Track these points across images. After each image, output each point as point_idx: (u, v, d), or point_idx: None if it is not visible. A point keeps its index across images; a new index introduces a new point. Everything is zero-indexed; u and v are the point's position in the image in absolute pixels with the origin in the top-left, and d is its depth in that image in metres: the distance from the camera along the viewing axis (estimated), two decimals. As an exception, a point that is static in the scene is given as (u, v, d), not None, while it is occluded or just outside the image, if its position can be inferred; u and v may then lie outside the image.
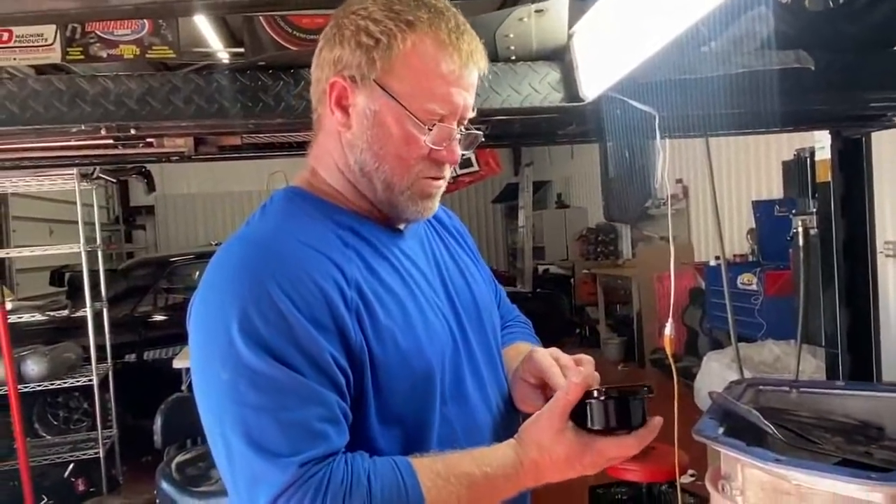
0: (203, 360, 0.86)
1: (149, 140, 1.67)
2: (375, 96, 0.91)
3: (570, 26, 1.48)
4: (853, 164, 2.33)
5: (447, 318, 0.98)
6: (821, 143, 2.46)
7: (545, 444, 0.90)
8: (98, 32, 1.67)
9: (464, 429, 0.96)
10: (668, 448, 3.43)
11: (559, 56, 1.51)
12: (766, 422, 1.08)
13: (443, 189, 0.99)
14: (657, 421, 0.94)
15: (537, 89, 1.53)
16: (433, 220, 1.11)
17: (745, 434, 1.10)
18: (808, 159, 2.53)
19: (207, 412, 0.86)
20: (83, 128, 1.40)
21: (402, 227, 1.02)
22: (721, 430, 1.12)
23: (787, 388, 1.34)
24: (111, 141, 1.67)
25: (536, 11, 1.38)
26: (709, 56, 1.52)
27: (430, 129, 0.92)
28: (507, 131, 1.84)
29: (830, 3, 1.69)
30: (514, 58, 1.52)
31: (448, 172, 0.99)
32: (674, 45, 1.31)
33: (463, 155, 0.99)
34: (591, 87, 1.52)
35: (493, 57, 1.51)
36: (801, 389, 1.33)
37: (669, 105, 1.55)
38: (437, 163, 0.95)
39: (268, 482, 0.79)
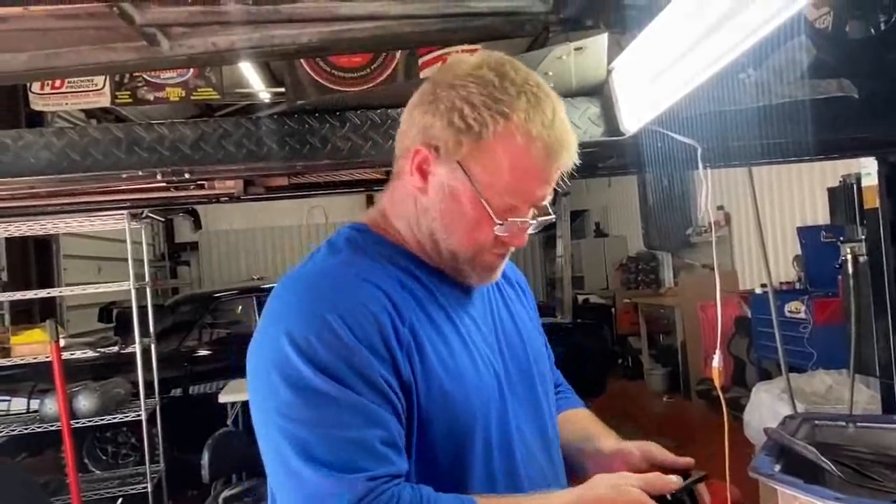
0: (264, 386, 0.88)
1: (200, 183, 1.73)
2: (456, 174, 0.92)
3: (610, 62, 1.50)
4: (901, 189, 2.29)
5: (497, 372, 0.99)
6: (867, 168, 2.43)
7: (615, 482, 0.92)
8: (145, 76, 1.75)
9: (506, 479, 0.97)
10: (719, 483, 3.34)
11: (598, 91, 1.53)
12: (824, 459, 1.06)
13: (506, 261, 1.01)
14: None
15: (577, 124, 1.54)
16: None
17: (802, 471, 1.08)
18: (855, 185, 2.50)
19: (267, 436, 0.87)
20: (140, 174, 1.46)
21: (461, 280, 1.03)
22: (777, 468, 1.10)
23: (843, 423, 1.31)
24: (164, 184, 1.73)
25: (576, 49, 1.40)
26: (749, 86, 1.53)
27: (503, 223, 0.92)
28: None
29: (871, 30, 1.68)
30: (553, 95, 1.54)
31: (509, 251, 1.00)
32: (714, 77, 1.31)
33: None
34: (631, 120, 1.53)
35: (534, 95, 1.54)
36: (859, 424, 1.30)
37: (710, 136, 1.55)
38: (501, 245, 0.96)
39: (335, 498, 0.79)
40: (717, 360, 1.44)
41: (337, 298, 0.88)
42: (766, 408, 3.92)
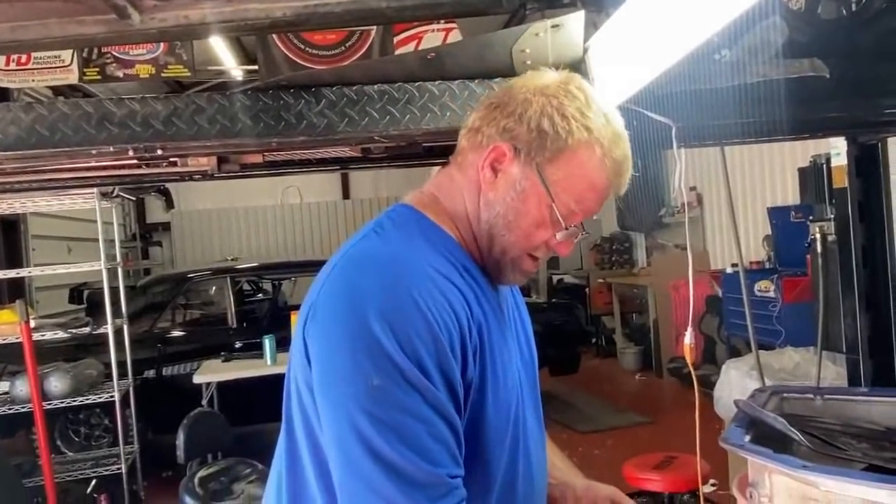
0: (347, 364, 0.84)
1: (173, 160, 1.70)
2: (529, 175, 0.97)
3: (586, 40, 1.50)
4: (869, 169, 2.33)
5: (520, 374, 1.03)
6: (836, 149, 2.47)
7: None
8: (114, 53, 1.71)
9: (524, 484, 1.00)
10: (690, 458, 3.42)
11: (575, 69, 1.53)
12: (792, 429, 1.08)
13: (535, 267, 1.06)
14: None
15: (554, 102, 1.54)
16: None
17: (772, 441, 1.10)
18: (825, 166, 2.53)
19: (347, 416, 0.84)
20: (111, 149, 1.43)
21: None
22: (748, 438, 1.13)
23: (811, 396, 1.34)
24: (136, 161, 1.70)
25: (553, 27, 1.40)
26: (724, 66, 1.54)
27: (567, 229, 0.99)
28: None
29: (844, 11, 1.70)
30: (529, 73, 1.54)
31: (549, 255, 1.05)
32: (689, 56, 1.32)
33: None
34: (608, 99, 1.54)
35: (510, 71, 1.53)
36: (826, 396, 1.33)
37: (685, 115, 1.56)
38: (548, 249, 1.02)
39: (421, 488, 0.80)
40: (688, 338, 1.46)
41: (422, 286, 0.87)
42: (736, 384, 4.00)
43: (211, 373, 4.56)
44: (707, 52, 1.53)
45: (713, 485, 3.47)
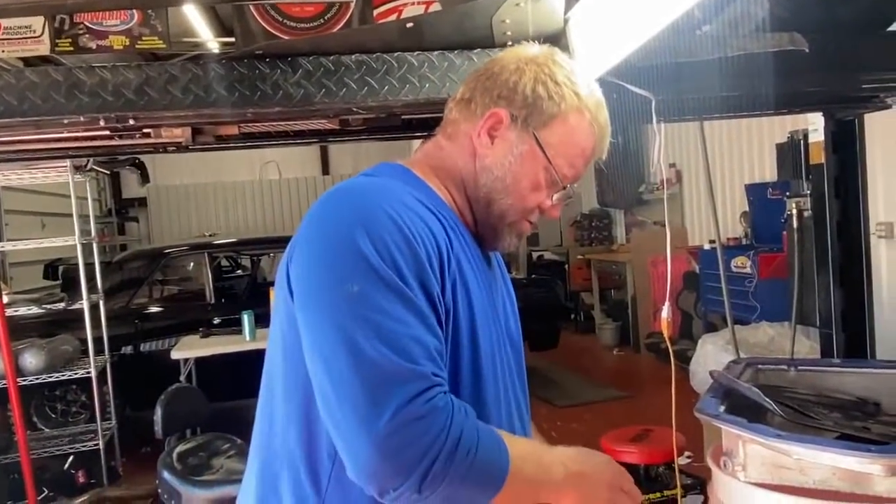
0: (327, 274, 0.87)
1: (146, 131, 1.67)
2: (527, 140, 1.02)
3: (567, 11, 1.49)
4: (846, 145, 2.35)
5: (504, 341, 1.05)
6: (814, 125, 2.48)
7: (588, 452, 1.00)
8: (87, 23, 1.67)
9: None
10: (666, 431, 3.47)
11: (555, 41, 1.52)
12: (766, 399, 1.10)
13: (528, 230, 1.10)
14: None
15: (534, 74, 1.53)
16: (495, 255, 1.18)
17: (746, 412, 1.12)
18: (802, 141, 2.55)
19: (328, 321, 0.85)
20: (82, 119, 1.40)
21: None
22: (722, 409, 1.14)
23: (785, 367, 1.37)
24: (108, 132, 1.66)
25: (533, -3, 1.38)
26: (705, 39, 1.53)
27: (563, 189, 1.04)
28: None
29: (823, -15, 1.70)
30: (510, 43, 1.52)
31: (538, 217, 1.09)
32: (669, 28, 1.32)
33: None
34: (588, 71, 1.53)
35: (490, 42, 1.52)
36: (799, 368, 1.36)
37: (665, 89, 1.56)
38: (541, 212, 1.07)
39: (406, 383, 0.80)
40: (665, 312, 1.47)
41: (401, 208, 0.90)
42: (711, 358, 4.06)
43: (189, 349, 4.53)
44: (687, 25, 1.52)
45: (688, 457, 3.52)
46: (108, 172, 7.72)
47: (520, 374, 1.11)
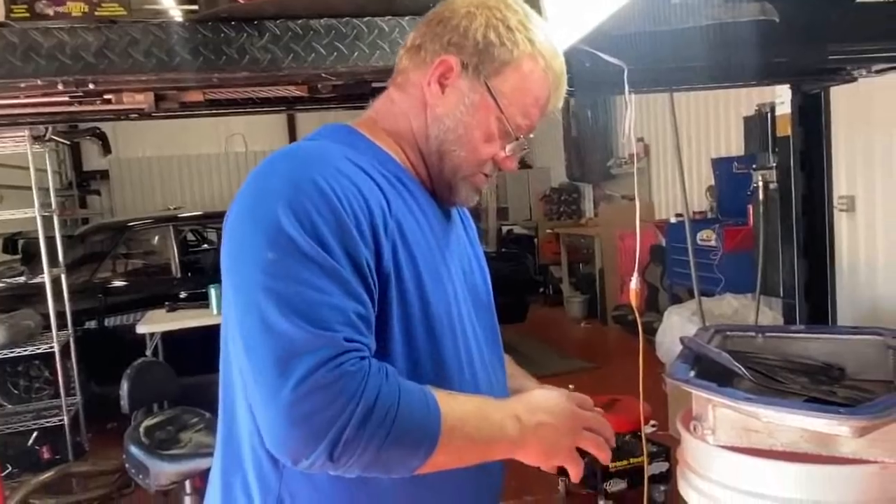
0: (247, 245, 0.86)
1: (107, 97, 1.61)
2: (478, 89, 0.98)
3: (539, -23, 1.47)
4: (812, 118, 2.38)
5: (463, 292, 1.02)
6: (781, 98, 2.51)
7: (538, 396, 0.97)
8: (43, -12, 1.60)
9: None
10: (632, 400, 3.52)
11: (530, 5, 1.50)
12: (735, 363, 1.12)
13: (487, 183, 1.06)
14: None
15: (506, 42, 1.51)
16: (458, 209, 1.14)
17: (715, 376, 1.14)
18: (769, 114, 2.57)
19: (243, 291, 0.85)
20: (39, 83, 1.34)
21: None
22: (692, 374, 1.15)
23: (752, 334, 1.39)
24: (67, 98, 1.61)
25: (506, -40, 1.36)
26: (678, 8, 1.53)
27: (516, 139, 1.00)
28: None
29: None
30: (482, 9, 1.50)
31: (497, 171, 1.05)
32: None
33: None
34: (561, 39, 1.51)
35: (462, 8, 1.49)
36: (766, 334, 1.38)
37: (637, 58, 1.55)
38: (496, 165, 1.03)
39: (310, 350, 0.78)
40: (634, 283, 1.48)
41: (330, 173, 0.87)
42: (677, 329, 4.13)
43: (155, 323, 4.46)
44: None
45: (653, 425, 3.59)
46: (68, 143, 7.51)
47: (489, 330, 1.08)
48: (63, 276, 4.53)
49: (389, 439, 0.80)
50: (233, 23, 1.39)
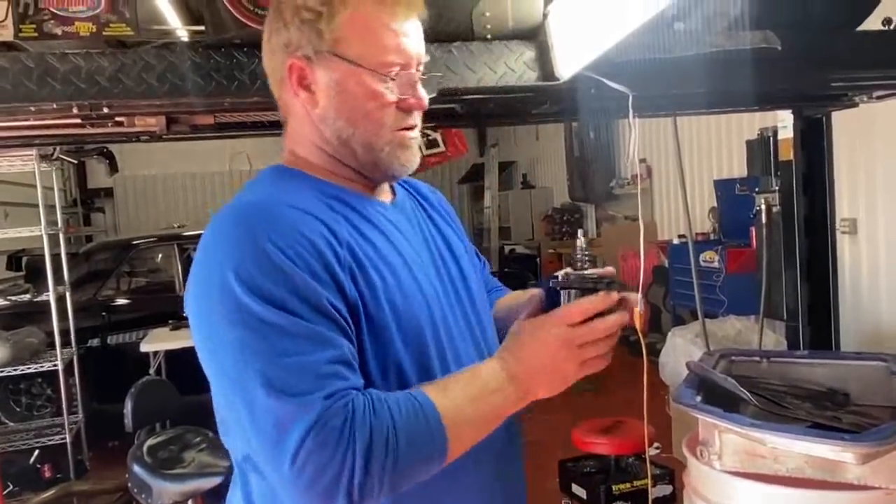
0: (207, 325, 0.87)
1: (118, 119, 1.64)
2: (333, 66, 0.95)
3: (546, 5, 1.50)
4: (814, 142, 2.40)
5: (435, 287, 1.01)
6: (783, 122, 2.53)
7: (521, 340, 0.94)
8: (52, 9, 1.63)
9: None
10: (636, 422, 3.50)
11: (534, 35, 1.53)
12: (741, 389, 1.12)
13: (418, 139, 1.02)
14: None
15: (513, 68, 1.54)
16: (419, 196, 1.14)
17: (721, 401, 1.14)
18: (772, 138, 2.60)
19: (221, 375, 0.87)
20: (54, 106, 1.37)
21: (388, 200, 1.05)
22: (699, 398, 1.16)
23: (757, 358, 1.40)
24: (80, 120, 1.63)
25: (514, -10, 1.39)
26: (681, 36, 1.55)
27: (393, 79, 0.95)
28: (480, 110, 1.85)
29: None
30: (489, 37, 1.53)
31: (419, 120, 1.02)
32: (646, 25, 1.33)
33: (429, 105, 1.02)
34: (567, 66, 1.54)
35: (469, 35, 1.52)
36: (771, 359, 1.39)
37: (641, 85, 1.57)
38: (406, 112, 0.99)
39: (295, 422, 0.79)
40: (640, 306, 1.49)
41: (272, 229, 0.87)
42: (681, 351, 4.12)
43: (158, 341, 4.47)
44: (662, 22, 1.54)
45: (657, 448, 3.58)
46: (74, 162, 7.56)
47: (472, 318, 1.05)
48: (68, 294, 4.55)
49: (401, 463, 0.81)
50: (245, 48, 1.41)
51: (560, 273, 0.99)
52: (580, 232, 0.98)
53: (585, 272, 0.95)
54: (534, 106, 1.77)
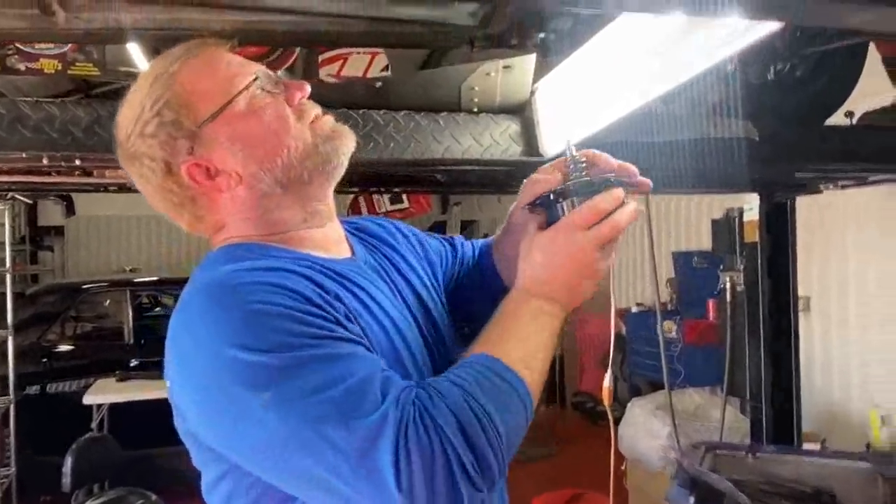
0: (236, 405, 0.78)
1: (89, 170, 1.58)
2: (214, 133, 0.91)
3: (534, 82, 1.52)
4: (780, 226, 2.46)
5: (411, 329, 0.97)
6: (749, 204, 2.59)
7: (532, 261, 0.91)
8: (18, 45, 1.59)
9: None
10: (596, 496, 3.44)
11: (520, 110, 1.54)
12: (739, 493, 1.10)
13: (333, 120, 0.98)
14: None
15: (498, 141, 1.54)
16: (373, 239, 1.09)
17: (712, 499, 1.12)
18: (737, 219, 2.65)
19: (276, 442, 0.77)
20: (23, 156, 1.31)
21: (349, 257, 1.01)
22: (692, 500, 1.14)
23: (742, 453, 1.38)
24: (46, 169, 1.57)
25: (504, 67, 1.40)
26: (662, 120, 1.58)
27: (248, 89, 0.91)
28: (462, 179, 1.85)
29: (769, 76, 1.79)
30: (475, 109, 1.53)
31: (318, 108, 0.97)
32: (628, 110, 1.35)
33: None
34: (551, 143, 1.55)
35: (457, 106, 1.52)
36: (757, 455, 1.37)
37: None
38: (299, 107, 0.94)
39: (381, 436, 0.73)
40: (608, 381, 1.48)
41: (256, 290, 0.81)
42: (640, 424, 4.11)
43: (104, 393, 4.27)
44: (644, 107, 1.57)
45: (615, 523, 3.53)
46: (30, 202, 7.34)
47: (432, 347, 1.01)
48: (10, 338, 4.34)
49: (495, 420, 0.77)
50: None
51: (551, 189, 0.92)
52: (569, 142, 0.92)
53: (583, 179, 0.90)
54: (517, 179, 1.78)
